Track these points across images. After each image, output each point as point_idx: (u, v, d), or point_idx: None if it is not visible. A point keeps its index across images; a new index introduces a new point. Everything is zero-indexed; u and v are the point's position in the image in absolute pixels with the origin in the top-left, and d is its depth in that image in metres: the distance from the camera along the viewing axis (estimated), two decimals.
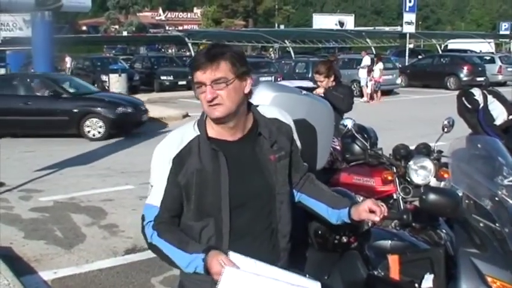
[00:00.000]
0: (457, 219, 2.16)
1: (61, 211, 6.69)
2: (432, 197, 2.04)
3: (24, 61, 28.78)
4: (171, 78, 23.71)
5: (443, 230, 2.37)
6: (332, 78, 5.24)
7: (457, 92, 6.55)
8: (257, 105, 2.10)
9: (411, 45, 31.07)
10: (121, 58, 28.47)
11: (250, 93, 2.02)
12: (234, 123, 1.97)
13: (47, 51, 16.69)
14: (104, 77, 21.00)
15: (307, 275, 2.04)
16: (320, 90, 5.07)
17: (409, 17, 28.99)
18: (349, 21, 54.17)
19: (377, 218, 2.08)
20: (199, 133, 1.98)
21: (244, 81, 1.95)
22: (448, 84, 23.49)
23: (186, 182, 1.94)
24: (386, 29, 50.72)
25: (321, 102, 3.52)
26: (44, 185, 7.94)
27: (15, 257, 5.16)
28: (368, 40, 31.23)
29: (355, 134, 4.33)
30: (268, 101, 2.77)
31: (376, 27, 53.40)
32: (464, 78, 23.07)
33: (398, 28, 35.85)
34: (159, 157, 2.00)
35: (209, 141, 1.95)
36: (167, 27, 55.32)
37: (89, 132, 12.07)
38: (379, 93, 19.38)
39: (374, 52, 26.62)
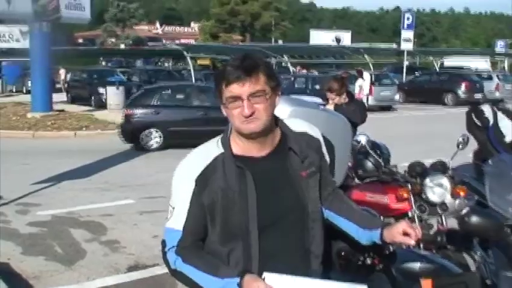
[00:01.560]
0: (496, 242, 2.05)
1: (60, 226, 6.51)
2: (476, 219, 1.93)
3: (20, 72, 28.72)
4: None
5: (478, 253, 2.25)
6: (344, 96, 5.19)
7: (454, 109, 6.52)
8: (283, 119, 2.00)
9: (407, 62, 31.19)
10: (118, 71, 28.41)
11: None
12: (267, 138, 1.86)
13: (45, 63, 16.61)
14: (102, 90, 20.86)
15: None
16: (330, 107, 4.99)
17: (407, 34, 29.11)
18: (346, 38, 54.49)
19: (412, 242, 1.96)
20: (223, 150, 1.86)
21: (277, 94, 1.86)
22: (446, 100, 23.56)
23: (210, 203, 1.82)
24: (383, 46, 50.96)
25: (338, 117, 3.43)
26: (41, 198, 7.77)
27: (14, 274, 4.98)
28: (366, 56, 31.33)
29: (369, 151, 4.22)
30: (286, 115, 2.67)
31: (372, 44, 53.65)
32: (462, 95, 23.18)
33: (394, 45, 35.96)
34: (181, 177, 1.88)
35: (234, 159, 1.84)
36: (164, 41, 55.44)
37: None
38: None
39: (372, 68, 26.69)
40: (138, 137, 12.24)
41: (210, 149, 1.89)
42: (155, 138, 12.30)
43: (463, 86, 23.56)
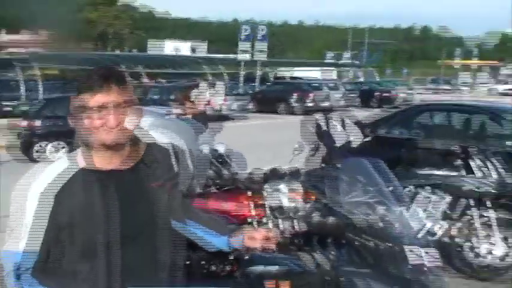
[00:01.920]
0: (343, 241, 2.22)
1: None
2: (323, 220, 2.07)
3: None
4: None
5: (332, 252, 2.40)
6: (201, 104, 5.27)
7: (298, 117, 6.92)
8: (142, 132, 1.98)
9: (259, 73, 32.43)
10: None
11: None
12: (124, 150, 1.83)
13: None
14: None
15: None
16: (188, 116, 5.05)
17: (244, 45, 30.42)
18: (202, 48, 55.25)
19: (263, 246, 2.05)
20: (79, 164, 1.79)
21: (133, 106, 1.82)
22: (290, 109, 24.85)
23: (67, 220, 1.74)
24: (239, 56, 52.29)
25: (184, 124, 3.50)
26: None
27: None
28: (220, 67, 32.02)
29: (211, 160, 4.32)
30: (145, 127, 2.66)
31: (222, 55, 54.72)
32: (308, 104, 24.74)
33: (235, 55, 36.77)
34: (28, 195, 1.76)
35: (93, 173, 1.78)
36: (8, 50, 51.44)
37: None
38: None
39: (227, 78, 27.26)
40: (33, 149, 11.43)
41: (63, 164, 1.80)
42: (59, 150, 11.50)
43: (307, 96, 25.15)
